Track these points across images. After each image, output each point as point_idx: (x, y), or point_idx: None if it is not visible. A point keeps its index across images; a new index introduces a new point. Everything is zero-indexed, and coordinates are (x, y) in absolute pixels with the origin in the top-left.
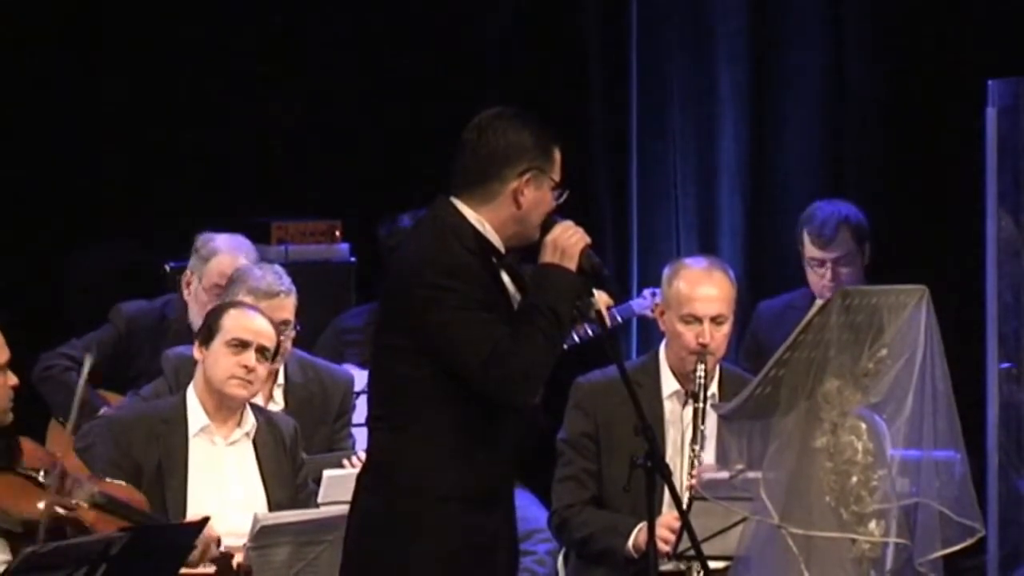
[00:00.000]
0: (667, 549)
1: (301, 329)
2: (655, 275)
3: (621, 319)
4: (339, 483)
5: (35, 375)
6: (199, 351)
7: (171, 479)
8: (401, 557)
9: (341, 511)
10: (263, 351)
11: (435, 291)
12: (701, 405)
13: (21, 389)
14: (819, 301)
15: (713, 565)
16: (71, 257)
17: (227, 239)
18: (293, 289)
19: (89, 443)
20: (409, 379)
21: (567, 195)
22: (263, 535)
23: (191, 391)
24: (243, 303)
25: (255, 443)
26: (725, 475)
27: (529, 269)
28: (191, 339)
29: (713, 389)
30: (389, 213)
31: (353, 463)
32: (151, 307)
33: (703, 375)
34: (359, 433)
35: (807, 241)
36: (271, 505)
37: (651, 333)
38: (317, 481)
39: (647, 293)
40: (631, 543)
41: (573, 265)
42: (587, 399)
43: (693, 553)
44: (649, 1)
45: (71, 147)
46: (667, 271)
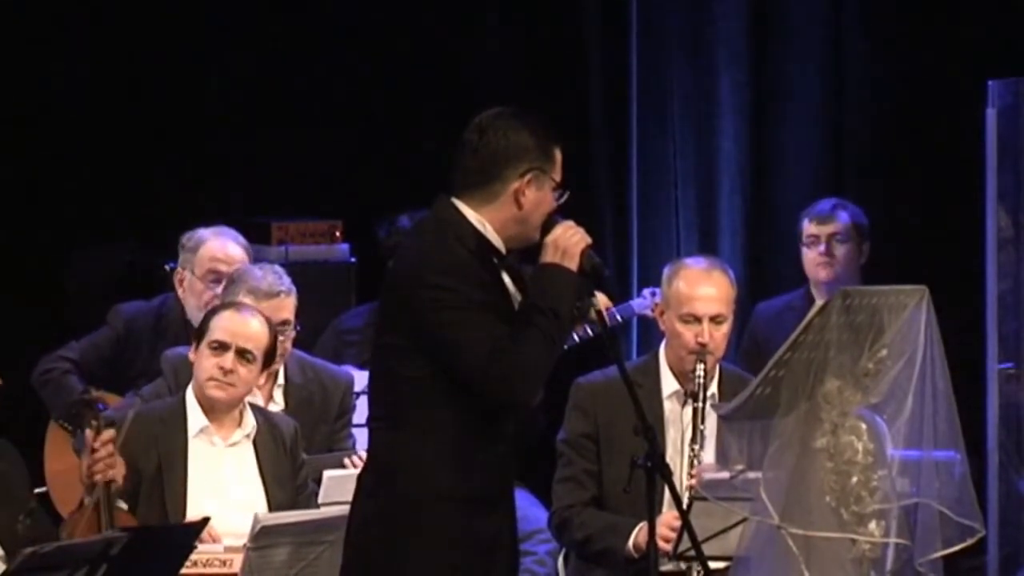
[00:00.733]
0: (667, 548)
1: (301, 329)
2: (655, 275)
3: (621, 319)
4: (339, 483)
5: (34, 378)
6: (193, 352)
7: (170, 480)
8: (401, 559)
9: (341, 511)
10: (244, 354)
11: (436, 291)
12: (700, 405)
13: (21, 393)
14: (818, 301)
15: (713, 565)
16: (71, 257)
17: (211, 229)
18: (293, 289)
19: None
20: (409, 379)
21: (567, 195)
22: (263, 535)
23: (189, 392)
24: (239, 305)
25: (255, 444)
26: (725, 475)
27: (529, 269)
28: (189, 338)
29: (713, 389)
30: (388, 213)
31: (354, 462)
32: (149, 307)
33: (702, 375)
34: (359, 433)
35: (805, 224)
36: (271, 506)
37: (651, 333)
38: (317, 481)
39: (647, 293)
40: (631, 543)
41: (574, 265)
42: (587, 400)
43: (693, 553)
44: (649, 2)
45: (71, 147)
46: (667, 271)
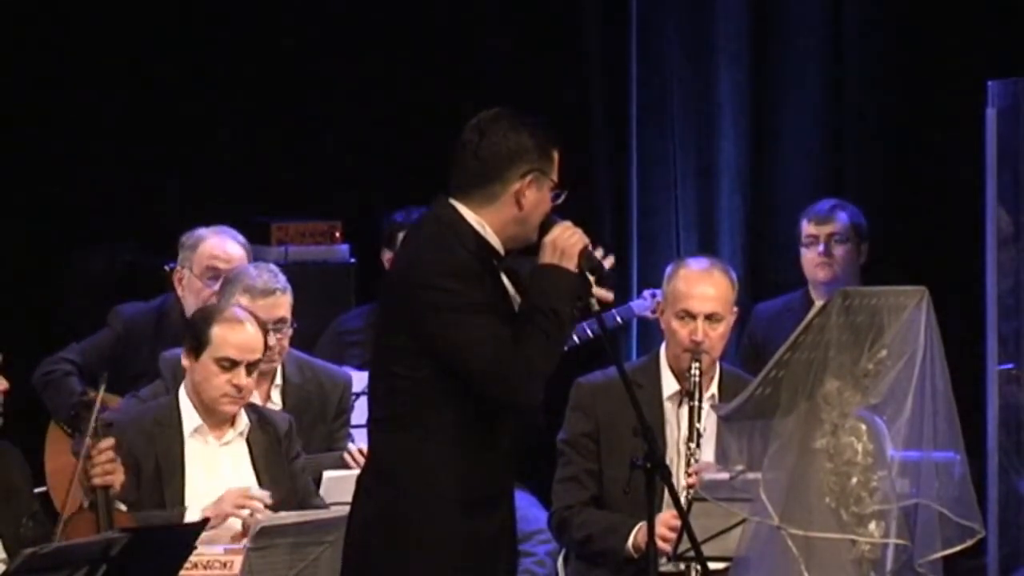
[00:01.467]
0: (667, 548)
1: (297, 328)
2: (655, 275)
3: (621, 320)
4: (339, 483)
5: (35, 380)
6: (186, 358)
7: (169, 480)
8: (403, 559)
9: (341, 512)
10: (253, 365)
11: (437, 293)
12: (696, 403)
13: (20, 393)
14: (817, 302)
15: (713, 566)
16: (71, 258)
17: (211, 228)
18: (288, 287)
19: None
20: (410, 381)
21: (565, 196)
22: (263, 536)
23: (182, 393)
24: (234, 313)
25: (248, 442)
26: (725, 476)
27: (528, 263)
28: None
29: (713, 390)
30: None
31: (354, 455)
32: (148, 308)
33: (698, 374)
34: (359, 434)
35: (804, 224)
36: (267, 504)
37: (651, 334)
38: (317, 481)
39: (647, 294)
40: (631, 543)
41: (573, 265)
42: (587, 399)
43: (693, 554)
44: (649, 2)
45: (71, 148)
46: (669, 269)
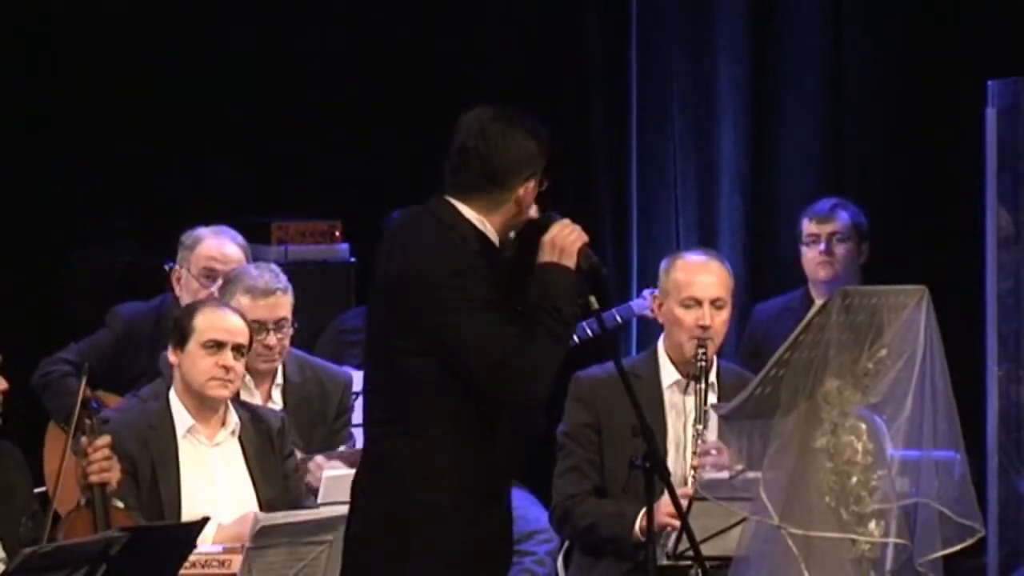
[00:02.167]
0: (674, 523)
1: (297, 327)
2: (655, 275)
3: (621, 319)
4: (339, 483)
5: (35, 380)
6: (174, 354)
7: (164, 481)
8: (406, 561)
9: (341, 511)
10: (239, 349)
11: (446, 291)
12: (703, 386)
13: (20, 394)
14: (818, 301)
15: (713, 565)
16: (71, 258)
17: (210, 228)
18: (289, 287)
19: None
20: (412, 383)
21: (563, 188)
22: (262, 535)
23: (173, 394)
24: (216, 302)
25: (241, 440)
26: (725, 475)
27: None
28: None
29: (712, 378)
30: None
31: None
32: (147, 308)
33: (704, 359)
34: (359, 433)
35: (805, 223)
36: (261, 503)
37: (651, 333)
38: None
39: (647, 293)
40: (637, 527)
41: (572, 263)
42: (587, 392)
43: (692, 554)
44: (649, 1)
45: (71, 147)
46: (664, 263)
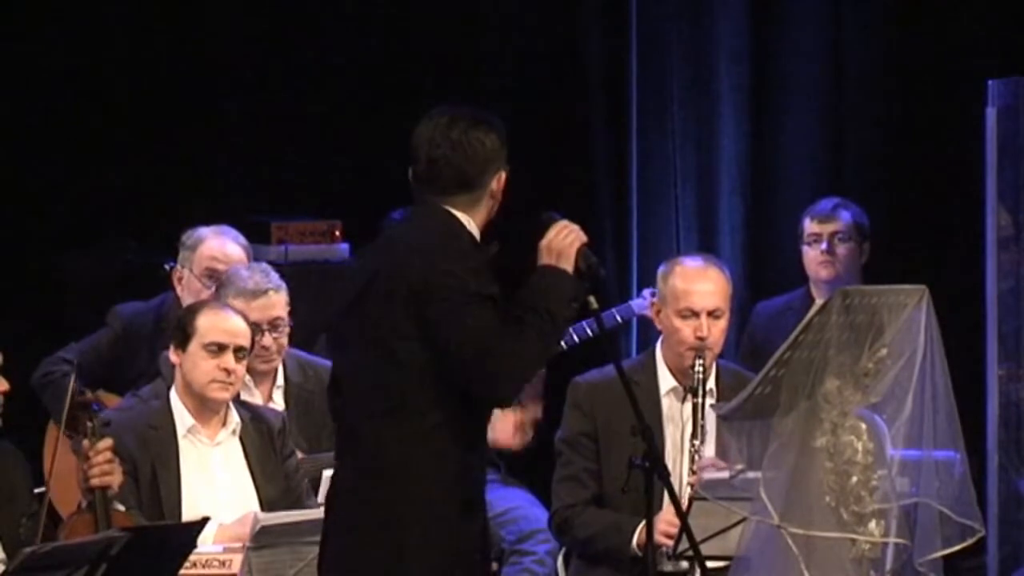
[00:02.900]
0: (668, 543)
1: (299, 327)
2: (655, 275)
3: (621, 319)
4: None
5: (34, 381)
6: (175, 354)
7: (165, 481)
8: (399, 560)
9: None
10: (241, 351)
11: (449, 285)
12: (700, 400)
13: (19, 394)
14: (818, 301)
15: (713, 565)
16: (71, 257)
17: (211, 227)
18: (282, 285)
19: None
20: (405, 380)
21: (506, 173)
22: (263, 535)
23: (173, 395)
24: (218, 304)
25: (241, 440)
26: (725, 475)
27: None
28: None
29: (711, 384)
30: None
31: None
32: (147, 308)
33: (702, 370)
34: None
35: (806, 223)
36: (262, 502)
37: (650, 333)
38: (316, 480)
39: (646, 293)
40: (635, 541)
41: (569, 266)
42: (585, 398)
43: (692, 554)
44: (649, 1)
45: (71, 147)
46: (662, 269)
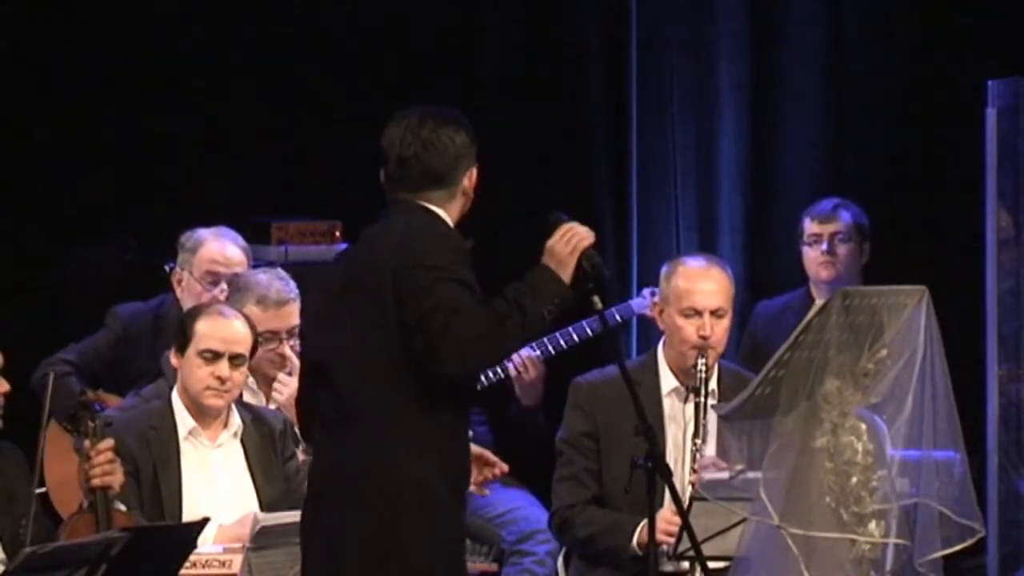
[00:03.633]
0: (669, 540)
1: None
2: (655, 275)
3: (621, 318)
4: None
5: (34, 381)
6: (175, 357)
7: (166, 482)
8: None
9: None
10: (237, 358)
11: (432, 267)
12: (702, 399)
13: (19, 394)
14: (819, 301)
15: (713, 565)
16: (71, 257)
17: (210, 229)
18: (297, 292)
19: None
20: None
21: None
22: (263, 535)
23: (175, 396)
24: (219, 307)
25: (243, 442)
26: (725, 475)
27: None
28: None
29: (713, 385)
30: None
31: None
32: (147, 308)
33: (704, 369)
34: None
35: (807, 223)
36: (262, 503)
37: (651, 333)
38: None
39: (647, 293)
40: (635, 540)
41: (567, 272)
42: (586, 399)
43: (693, 553)
44: (649, 1)
45: (71, 147)
46: (665, 269)
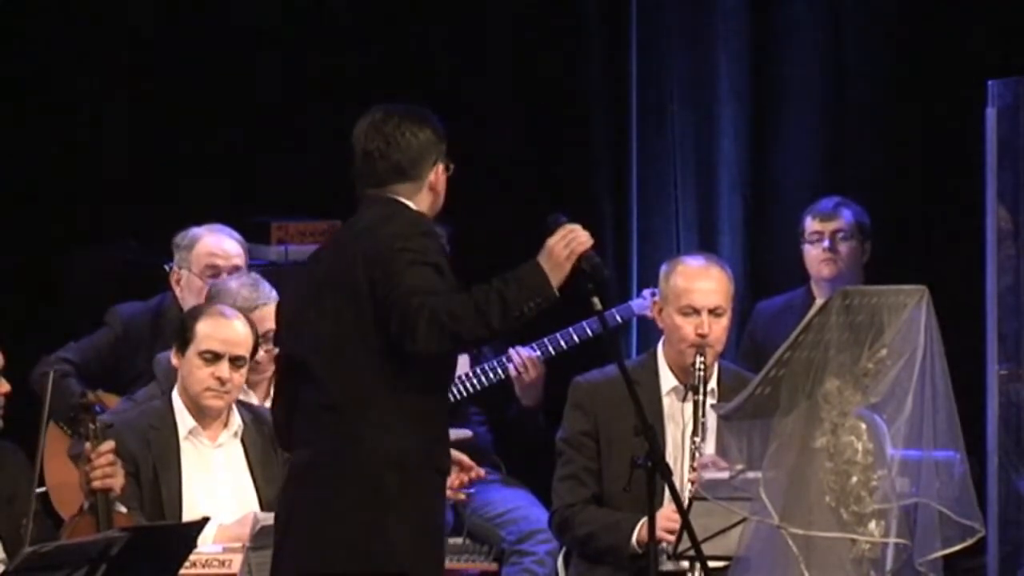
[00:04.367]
0: (669, 538)
1: None
2: (655, 275)
3: (621, 319)
4: None
5: (33, 379)
6: (176, 357)
7: (166, 481)
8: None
9: None
10: (238, 360)
11: (407, 250)
12: (701, 397)
13: (19, 394)
14: (819, 300)
15: (713, 565)
16: (71, 257)
17: (204, 226)
18: (273, 294)
19: None
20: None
21: (453, 168)
22: (263, 535)
23: (175, 395)
24: (221, 309)
25: (243, 441)
26: (725, 475)
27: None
28: None
29: (712, 384)
30: None
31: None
32: (146, 308)
33: (703, 367)
34: None
35: (808, 221)
36: (262, 503)
37: (651, 333)
38: None
39: (646, 293)
40: (635, 539)
41: (560, 276)
42: (586, 398)
43: (693, 553)
44: (649, 2)
45: (70, 147)
46: (664, 268)
